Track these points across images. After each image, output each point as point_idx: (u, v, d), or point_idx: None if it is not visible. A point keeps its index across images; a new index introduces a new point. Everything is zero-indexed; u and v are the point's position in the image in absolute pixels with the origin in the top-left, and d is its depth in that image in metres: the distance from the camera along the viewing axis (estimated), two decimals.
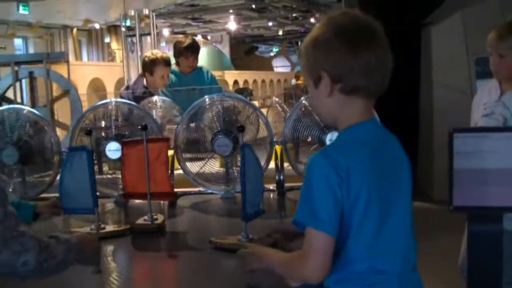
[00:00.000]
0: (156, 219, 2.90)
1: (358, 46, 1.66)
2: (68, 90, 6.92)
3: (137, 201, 3.71)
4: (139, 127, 2.89)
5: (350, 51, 1.65)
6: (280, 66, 32.98)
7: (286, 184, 3.61)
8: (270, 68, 30.72)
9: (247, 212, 2.47)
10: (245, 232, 2.50)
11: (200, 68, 5.88)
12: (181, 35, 24.96)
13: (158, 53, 5.52)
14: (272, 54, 34.12)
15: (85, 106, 7.41)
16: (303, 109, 3.54)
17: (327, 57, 1.68)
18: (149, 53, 5.72)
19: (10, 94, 7.92)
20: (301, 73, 19.02)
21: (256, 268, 1.89)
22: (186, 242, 2.83)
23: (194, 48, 5.77)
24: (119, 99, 3.67)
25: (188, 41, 5.76)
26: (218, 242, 2.55)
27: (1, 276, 1.79)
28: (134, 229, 2.86)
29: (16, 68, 7.78)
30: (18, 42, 17.65)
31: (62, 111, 8.19)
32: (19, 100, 7.93)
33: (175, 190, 3.59)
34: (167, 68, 5.41)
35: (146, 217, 2.88)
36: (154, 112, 4.27)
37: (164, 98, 4.66)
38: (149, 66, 5.40)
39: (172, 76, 5.67)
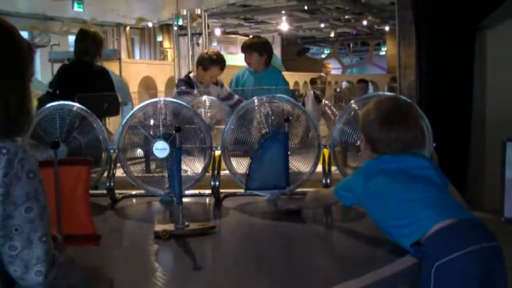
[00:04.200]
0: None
1: (384, 126, 2.63)
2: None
3: (185, 199, 3.73)
4: (51, 143, 2.14)
5: (378, 128, 2.64)
6: (331, 68, 32.81)
7: None
8: (321, 70, 30.57)
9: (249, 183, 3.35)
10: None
11: (275, 69, 6.28)
12: (233, 35, 25.08)
13: (219, 54, 5.76)
14: (323, 56, 33.95)
15: (136, 103, 7.45)
16: (352, 112, 3.49)
17: (366, 127, 2.72)
18: (210, 51, 5.94)
19: None
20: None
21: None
22: (232, 243, 2.82)
23: (244, 48, 6.17)
24: (168, 98, 3.66)
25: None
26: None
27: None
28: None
29: None
30: (72, 39, 17.88)
31: None
32: None
33: (222, 190, 3.59)
34: (220, 71, 5.64)
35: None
36: (202, 112, 4.27)
37: (213, 98, 4.65)
38: (205, 63, 5.60)
39: (246, 72, 6.12)
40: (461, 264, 2.17)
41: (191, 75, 5.82)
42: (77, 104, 3.69)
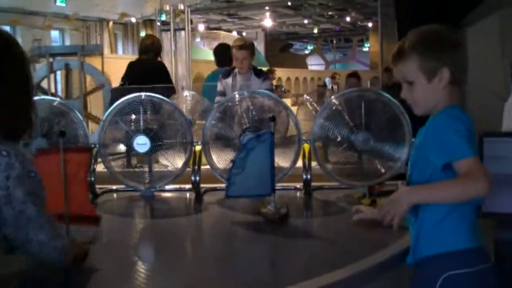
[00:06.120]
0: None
1: (458, 48, 2.18)
2: (103, 84, 7.36)
3: (165, 194, 3.73)
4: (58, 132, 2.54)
5: (458, 51, 2.17)
6: (315, 64, 32.90)
7: (314, 184, 3.57)
8: (304, 65, 30.65)
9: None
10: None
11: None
12: (216, 31, 25.07)
13: (235, 40, 6.02)
14: (306, 52, 34.02)
15: None
16: (333, 107, 3.50)
17: (436, 53, 2.14)
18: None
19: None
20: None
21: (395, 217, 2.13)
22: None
23: None
24: (149, 93, 3.64)
25: None
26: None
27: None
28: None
29: (51, 59, 7.86)
30: (55, 34, 17.83)
31: (96, 104, 8.26)
32: (53, 91, 8.02)
33: (202, 185, 3.59)
34: (239, 51, 5.68)
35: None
36: (184, 107, 4.26)
37: (194, 93, 4.64)
38: (230, 52, 5.91)
39: None
40: (470, 279, 2.14)
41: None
42: (57, 99, 3.68)
